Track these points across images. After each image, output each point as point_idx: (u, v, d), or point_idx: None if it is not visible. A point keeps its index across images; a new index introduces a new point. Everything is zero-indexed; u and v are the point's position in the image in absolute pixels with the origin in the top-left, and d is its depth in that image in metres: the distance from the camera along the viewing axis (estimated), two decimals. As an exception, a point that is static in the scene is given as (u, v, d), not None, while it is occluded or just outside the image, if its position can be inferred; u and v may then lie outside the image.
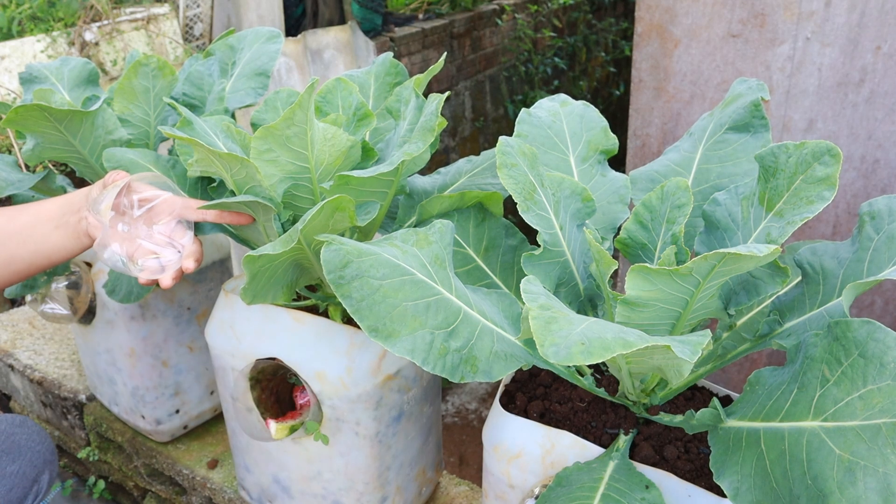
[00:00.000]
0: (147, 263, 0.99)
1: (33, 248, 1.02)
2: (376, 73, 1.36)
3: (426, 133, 1.02)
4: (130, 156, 1.19)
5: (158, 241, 1.00)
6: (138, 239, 1.00)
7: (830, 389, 0.76)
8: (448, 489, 1.54)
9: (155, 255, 0.99)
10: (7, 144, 2.72)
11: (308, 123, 0.97)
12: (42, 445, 1.31)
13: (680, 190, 0.96)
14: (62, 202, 1.03)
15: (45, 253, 1.02)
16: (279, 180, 1.04)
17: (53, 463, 1.33)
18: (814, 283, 0.95)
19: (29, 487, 1.26)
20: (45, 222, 1.02)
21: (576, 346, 0.68)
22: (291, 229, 0.93)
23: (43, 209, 1.03)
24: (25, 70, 1.49)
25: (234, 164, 1.01)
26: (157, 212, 1.01)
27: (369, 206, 1.09)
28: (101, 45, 3.29)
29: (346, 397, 1.15)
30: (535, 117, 1.15)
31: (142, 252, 0.99)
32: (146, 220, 1.00)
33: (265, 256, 0.91)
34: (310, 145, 1.00)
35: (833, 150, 0.85)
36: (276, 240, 0.93)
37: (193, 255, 1.02)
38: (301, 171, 1.04)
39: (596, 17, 6.14)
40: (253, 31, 1.48)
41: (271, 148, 1.00)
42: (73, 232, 1.02)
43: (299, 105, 0.93)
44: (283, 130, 0.97)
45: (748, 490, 0.79)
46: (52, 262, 1.04)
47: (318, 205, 0.92)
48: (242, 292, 0.98)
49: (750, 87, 1.09)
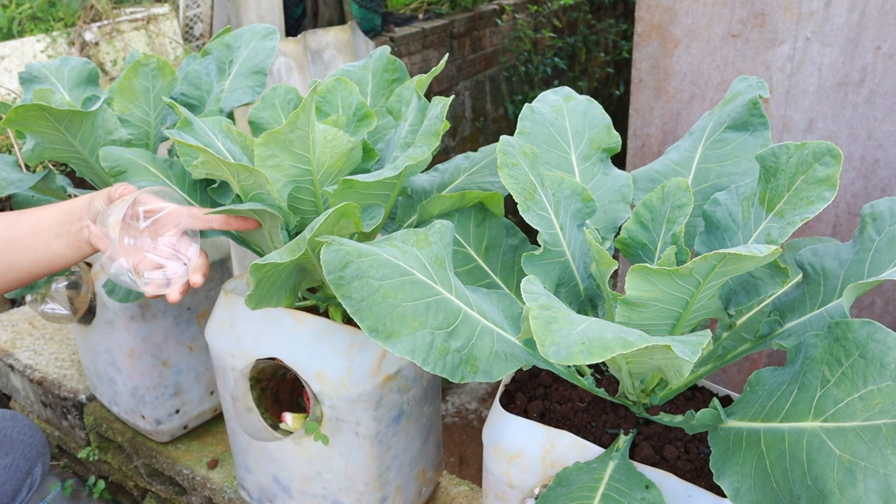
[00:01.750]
0: (152, 276, 0.98)
1: (33, 256, 1.01)
2: (374, 70, 1.36)
3: (431, 137, 1.02)
4: (128, 155, 1.19)
5: (164, 254, 0.99)
6: (143, 251, 0.99)
7: (831, 390, 0.76)
8: (448, 489, 1.54)
9: (160, 267, 0.98)
10: (7, 144, 2.72)
11: (310, 126, 0.96)
12: (34, 438, 1.32)
13: (680, 190, 0.96)
14: (63, 210, 1.03)
15: (45, 261, 1.02)
16: (283, 185, 1.04)
17: (45, 455, 1.34)
18: (814, 283, 0.95)
19: (23, 480, 1.27)
20: (46, 230, 1.01)
21: (576, 345, 0.68)
22: (298, 237, 0.92)
23: (43, 217, 1.02)
24: (25, 70, 1.49)
25: (243, 172, 1.01)
26: (163, 223, 1.00)
27: (373, 211, 1.09)
28: (101, 45, 3.29)
29: (346, 397, 1.15)
30: (538, 114, 1.15)
31: (147, 264, 0.98)
32: (151, 233, 0.99)
33: (271, 265, 0.91)
34: (311, 148, 1.00)
35: (834, 150, 0.85)
36: (283, 247, 0.92)
37: (201, 269, 1.00)
38: (303, 174, 1.04)
39: (596, 18, 6.14)
40: (249, 28, 1.47)
41: (275, 153, 0.99)
42: (73, 241, 1.01)
43: (302, 109, 0.93)
44: (286, 135, 0.97)
45: (748, 490, 0.78)
46: (51, 269, 1.03)
47: (325, 212, 0.91)
48: (247, 299, 0.98)
49: (749, 84, 1.09)
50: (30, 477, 1.29)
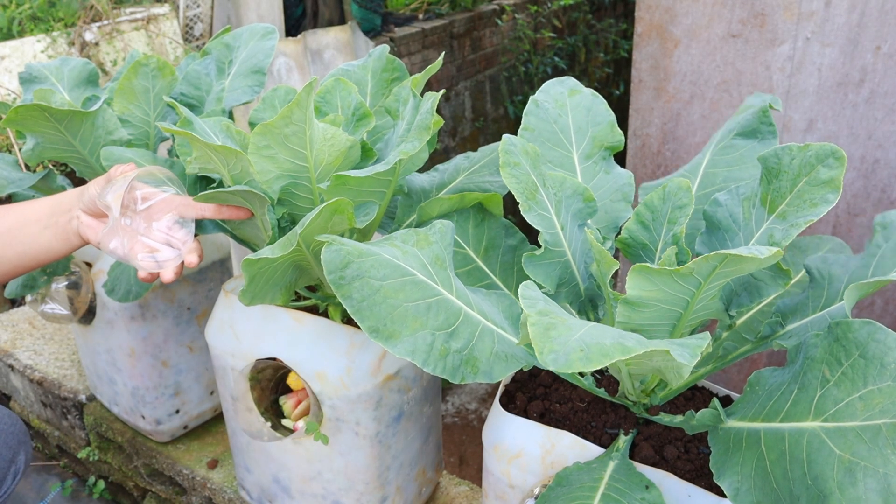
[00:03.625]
0: (145, 261, 0.99)
1: (20, 248, 1.01)
2: (373, 69, 1.36)
3: (422, 131, 1.02)
4: (129, 155, 1.19)
5: (157, 238, 1.01)
6: (137, 234, 1.00)
7: (831, 390, 0.76)
8: (448, 489, 1.54)
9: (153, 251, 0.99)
10: (7, 144, 2.72)
11: (307, 122, 0.96)
12: (14, 427, 1.33)
13: (681, 190, 0.96)
14: (51, 202, 1.03)
15: (33, 254, 1.02)
16: (276, 177, 1.04)
17: (27, 444, 1.35)
18: (819, 287, 0.96)
19: (7, 468, 1.29)
20: (33, 223, 1.01)
21: (574, 352, 0.68)
22: (290, 233, 0.92)
23: (30, 209, 1.02)
24: (25, 70, 1.49)
25: (230, 158, 1.01)
26: (157, 209, 1.01)
27: (368, 208, 1.09)
28: (101, 45, 3.29)
29: (346, 397, 1.15)
30: (543, 109, 1.14)
31: (140, 247, 1.00)
32: (146, 218, 1.01)
33: (263, 260, 0.91)
34: (308, 144, 1.00)
35: (837, 152, 0.85)
36: (275, 243, 0.93)
37: (196, 251, 1.02)
38: (300, 170, 1.04)
39: (596, 18, 6.14)
40: (248, 28, 1.48)
41: (269, 145, 1.00)
42: (62, 232, 1.01)
43: (297, 104, 0.93)
44: (281, 128, 0.97)
45: (748, 491, 0.79)
46: (39, 262, 1.03)
47: (316, 208, 0.92)
48: (241, 294, 0.98)
49: (763, 100, 1.10)
50: (13, 465, 1.30)
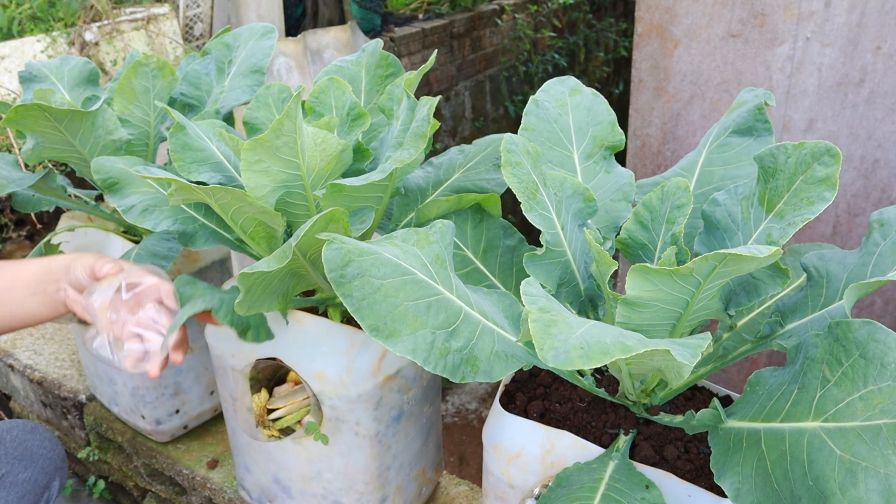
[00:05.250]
0: (132, 348, 0.96)
1: (8, 311, 1.01)
2: (367, 65, 1.35)
3: (418, 139, 1.02)
4: (120, 165, 1.18)
5: (144, 324, 0.97)
6: (123, 323, 0.97)
7: (831, 390, 0.76)
8: (448, 489, 1.54)
9: (139, 337, 0.96)
10: (7, 144, 2.71)
11: (297, 132, 0.96)
12: (53, 452, 1.29)
13: (680, 190, 0.96)
14: (40, 269, 1.02)
15: (20, 317, 1.02)
16: (271, 190, 1.04)
17: (63, 470, 1.31)
18: (817, 286, 0.96)
19: (40, 495, 1.25)
20: (22, 288, 1.01)
21: (575, 350, 0.68)
22: (285, 244, 0.92)
23: (20, 273, 1.02)
24: (25, 69, 1.48)
25: (217, 193, 0.99)
26: (143, 296, 0.98)
27: (364, 215, 1.08)
28: (101, 45, 3.28)
29: (346, 397, 1.15)
30: (543, 109, 1.14)
31: (126, 334, 0.96)
32: (133, 306, 0.97)
33: (258, 273, 0.91)
34: (300, 153, 1.00)
35: (832, 150, 0.85)
36: (271, 255, 0.92)
37: (181, 347, 0.98)
38: (293, 180, 1.04)
39: (596, 17, 6.14)
40: (248, 27, 1.47)
41: (261, 159, 0.99)
42: (49, 301, 1.01)
43: (287, 115, 0.92)
44: (272, 141, 0.96)
45: (749, 491, 0.78)
46: (24, 325, 1.04)
47: (311, 219, 0.91)
48: (237, 305, 0.96)
49: (756, 95, 1.10)
50: (47, 492, 1.26)
